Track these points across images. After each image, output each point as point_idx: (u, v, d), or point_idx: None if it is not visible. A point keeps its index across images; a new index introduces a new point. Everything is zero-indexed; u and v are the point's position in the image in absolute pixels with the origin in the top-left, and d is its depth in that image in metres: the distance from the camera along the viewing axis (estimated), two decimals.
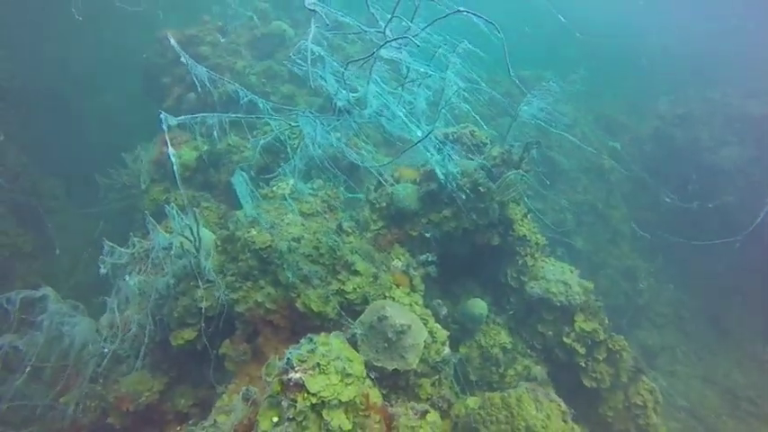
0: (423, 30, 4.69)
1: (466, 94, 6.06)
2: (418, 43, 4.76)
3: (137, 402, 5.45)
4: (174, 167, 4.81)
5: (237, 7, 12.16)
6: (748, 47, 20.48)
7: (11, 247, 10.81)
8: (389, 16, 4.56)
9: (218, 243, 5.85)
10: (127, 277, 5.72)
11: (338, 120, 5.90)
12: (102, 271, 5.21)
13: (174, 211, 4.93)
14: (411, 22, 4.77)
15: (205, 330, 5.19)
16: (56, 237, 11.08)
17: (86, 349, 6.09)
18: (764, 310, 12.51)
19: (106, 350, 5.46)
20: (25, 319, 5.74)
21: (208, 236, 6.03)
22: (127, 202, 9.66)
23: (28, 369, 5.34)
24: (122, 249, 5.30)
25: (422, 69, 5.32)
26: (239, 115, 5.12)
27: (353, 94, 5.65)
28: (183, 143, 8.58)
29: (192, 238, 5.19)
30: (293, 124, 6.11)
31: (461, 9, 4.35)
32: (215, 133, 5.28)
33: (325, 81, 5.56)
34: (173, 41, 4.54)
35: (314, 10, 4.80)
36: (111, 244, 5.19)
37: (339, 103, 5.67)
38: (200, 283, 5.28)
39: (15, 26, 15.42)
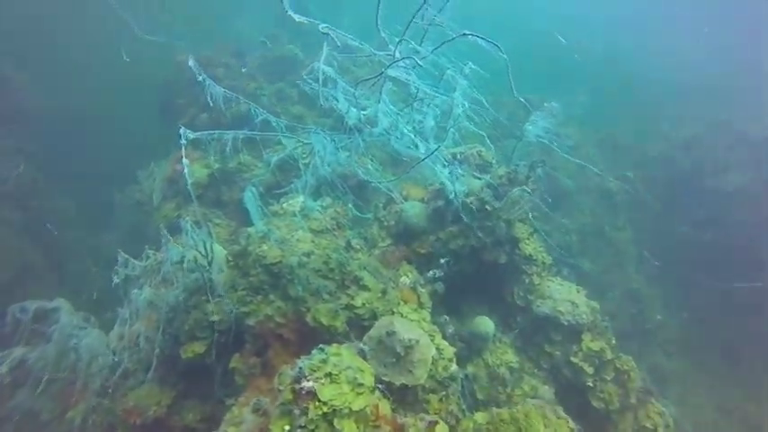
0: (431, 53, 4.88)
1: (473, 116, 6.23)
2: (422, 65, 4.95)
3: (144, 416, 5.47)
4: (187, 176, 4.95)
5: (250, 34, 12.62)
6: (750, 70, 20.83)
7: (21, 263, 10.95)
8: (398, 39, 4.76)
9: (230, 258, 5.95)
10: (136, 291, 5.81)
11: (349, 138, 6.06)
12: (116, 280, 5.31)
13: (189, 225, 5.05)
14: (420, 45, 4.97)
15: (216, 343, 5.25)
16: (77, 255, 11.19)
17: (95, 362, 6.13)
18: None
19: (117, 359, 5.51)
20: (36, 329, 5.82)
21: (219, 251, 6.14)
22: (138, 218, 9.83)
23: (43, 382, 5.38)
24: (136, 262, 5.41)
25: (429, 91, 5.49)
26: (255, 132, 5.29)
27: (363, 112, 5.82)
28: (195, 161, 8.78)
29: (204, 252, 5.30)
30: (305, 142, 6.28)
31: (467, 32, 4.55)
32: (227, 150, 5.45)
33: (337, 100, 5.75)
34: (192, 62, 4.74)
35: (327, 33, 5.01)
36: (125, 255, 5.30)
37: (350, 122, 5.84)
38: (212, 297, 5.36)
39: (35, 49, 15.98)
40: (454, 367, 5.35)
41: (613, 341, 6.83)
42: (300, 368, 3.50)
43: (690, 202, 14.58)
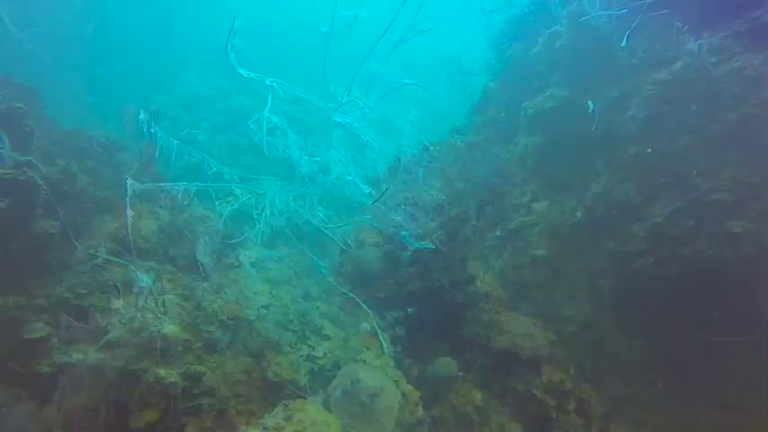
0: (377, 102, 5.15)
1: (421, 160, 6.49)
2: (369, 111, 5.21)
3: None
4: (129, 231, 4.81)
5: (199, 87, 12.67)
6: None
7: None
8: (345, 90, 4.99)
9: (184, 315, 5.71)
10: (74, 355, 5.39)
11: (302, 186, 6.13)
12: (54, 342, 4.96)
13: (141, 282, 4.85)
14: (366, 94, 5.23)
15: (170, 408, 4.94)
16: None
17: None
18: (729, 358, 12.99)
19: None
20: None
21: (171, 308, 5.88)
22: (81, 277, 9.22)
23: None
24: (78, 324, 5.08)
25: (377, 137, 5.72)
26: (206, 184, 5.26)
27: (315, 159, 5.94)
28: (145, 215, 8.47)
29: (156, 310, 5.08)
30: (258, 192, 6.28)
31: (408, 82, 4.85)
32: (178, 202, 5.36)
33: (288, 150, 5.85)
34: (142, 115, 4.74)
35: (272, 86, 5.17)
36: (68, 318, 4.98)
37: (302, 170, 5.92)
38: (165, 358, 5.09)
39: None
40: (421, 411, 5.31)
41: (572, 371, 7.02)
42: (265, 428, 3.37)
43: (630, 233, 15.51)
